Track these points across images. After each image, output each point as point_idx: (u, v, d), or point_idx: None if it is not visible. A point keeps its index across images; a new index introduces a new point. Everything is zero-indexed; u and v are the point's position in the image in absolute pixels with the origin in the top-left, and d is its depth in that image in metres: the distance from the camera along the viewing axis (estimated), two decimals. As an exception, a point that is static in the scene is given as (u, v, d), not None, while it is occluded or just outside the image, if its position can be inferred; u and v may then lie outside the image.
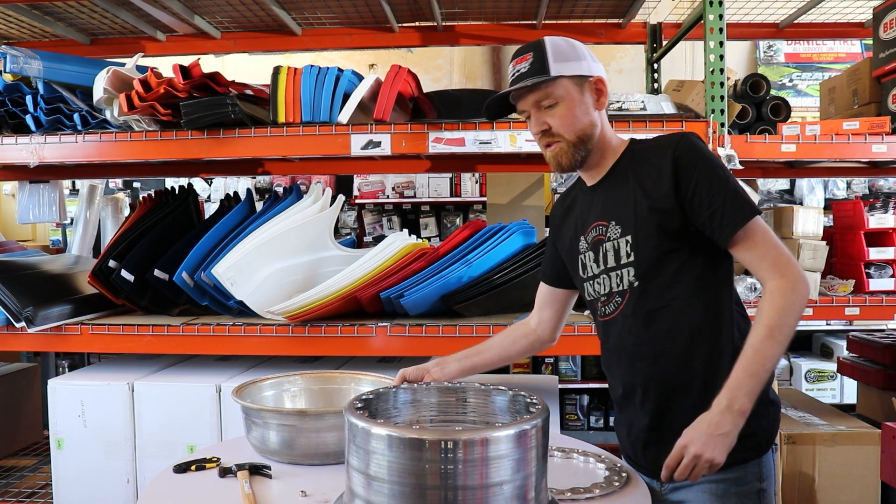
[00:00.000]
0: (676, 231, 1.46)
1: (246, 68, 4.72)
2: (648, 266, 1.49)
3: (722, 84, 2.39)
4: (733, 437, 1.33)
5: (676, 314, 1.48)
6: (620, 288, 1.53)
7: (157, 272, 2.37)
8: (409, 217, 5.86)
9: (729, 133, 2.34)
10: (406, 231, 2.43)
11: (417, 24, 3.30)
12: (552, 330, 1.79)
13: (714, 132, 2.30)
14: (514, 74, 1.54)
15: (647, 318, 1.50)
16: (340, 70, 2.33)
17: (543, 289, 1.79)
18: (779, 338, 1.36)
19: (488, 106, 1.61)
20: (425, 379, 1.63)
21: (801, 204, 5.39)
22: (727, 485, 1.47)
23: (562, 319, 1.80)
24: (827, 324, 4.84)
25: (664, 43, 3.40)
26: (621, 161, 1.57)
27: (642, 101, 2.46)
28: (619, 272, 1.54)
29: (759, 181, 4.69)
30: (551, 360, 4.79)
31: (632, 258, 1.51)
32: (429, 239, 4.23)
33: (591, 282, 1.61)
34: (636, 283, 1.51)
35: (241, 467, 1.53)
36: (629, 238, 1.51)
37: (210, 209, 5.28)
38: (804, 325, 4.46)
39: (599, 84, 1.54)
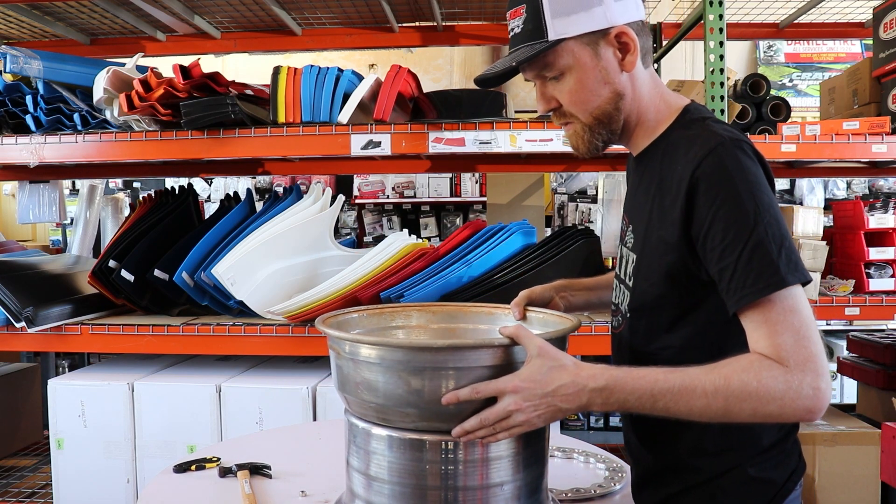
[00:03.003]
0: (680, 271, 1.10)
1: (246, 68, 4.73)
2: (642, 303, 1.18)
3: (722, 84, 2.39)
4: (566, 413, 1.03)
5: None
6: (622, 308, 1.25)
7: (157, 272, 2.37)
8: (409, 217, 5.87)
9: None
10: (406, 231, 2.43)
11: (417, 24, 3.30)
12: None
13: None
14: (509, 35, 1.18)
15: (632, 358, 1.22)
16: (340, 70, 2.33)
17: None
18: (722, 405, 0.97)
19: (481, 81, 1.22)
20: (550, 307, 1.38)
21: (801, 204, 5.40)
22: None
23: None
24: (827, 324, 4.84)
25: (664, 43, 3.40)
26: (660, 141, 1.18)
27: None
28: (622, 290, 1.25)
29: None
30: (551, 360, 4.77)
31: (631, 283, 1.20)
32: (429, 239, 4.23)
33: (615, 281, 1.32)
34: (628, 315, 1.22)
35: (241, 467, 1.53)
36: (635, 258, 1.20)
37: (210, 209, 5.28)
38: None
39: (623, 36, 1.12)
